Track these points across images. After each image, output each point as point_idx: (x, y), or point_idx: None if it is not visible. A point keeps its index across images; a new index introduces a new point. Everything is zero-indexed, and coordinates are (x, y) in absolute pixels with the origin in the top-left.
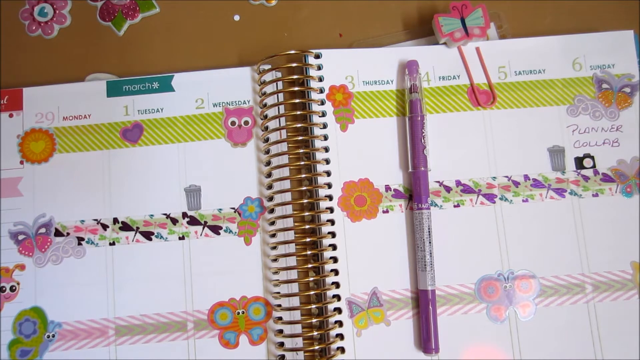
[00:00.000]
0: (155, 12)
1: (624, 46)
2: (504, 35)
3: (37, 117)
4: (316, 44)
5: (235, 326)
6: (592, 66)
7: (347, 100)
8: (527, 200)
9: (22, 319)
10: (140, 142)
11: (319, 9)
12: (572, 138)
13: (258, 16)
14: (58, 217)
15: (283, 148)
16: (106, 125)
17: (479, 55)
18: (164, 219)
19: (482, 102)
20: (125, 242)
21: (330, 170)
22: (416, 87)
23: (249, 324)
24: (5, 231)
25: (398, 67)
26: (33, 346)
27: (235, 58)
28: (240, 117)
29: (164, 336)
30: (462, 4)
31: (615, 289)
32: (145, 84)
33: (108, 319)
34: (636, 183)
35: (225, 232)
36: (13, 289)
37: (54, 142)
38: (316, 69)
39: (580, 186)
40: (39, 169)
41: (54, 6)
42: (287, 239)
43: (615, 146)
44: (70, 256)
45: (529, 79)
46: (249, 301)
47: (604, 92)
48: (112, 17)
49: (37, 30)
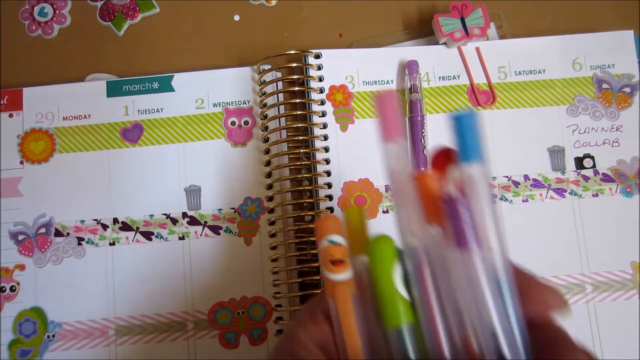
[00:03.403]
0: (155, 12)
1: (624, 46)
2: (504, 35)
3: (37, 117)
4: (316, 44)
5: (236, 326)
6: (592, 66)
7: (347, 100)
8: (527, 200)
9: (22, 319)
10: (140, 142)
11: (319, 9)
12: (572, 138)
13: (258, 16)
14: (58, 217)
15: (283, 148)
16: (106, 125)
17: (479, 55)
18: (164, 219)
19: (482, 102)
20: (125, 242)
21: (330, 170)
22: (416, 87)
23: (249, 324)
24: (5, 231)
25: (398, 67)
26: (33, 346)
27: (235, 58)
28: (240, 117)
29: (164, 336)
30: (462, 4)
31: (615, 289)
32: (145, 84)
33: (108, 319)
34: (636, 183)
35: (225, 232)
36: (13, 289)
37: (54, 142)
38: (316, 69)
39: (580, 186)
40: (39, 169)
41: (54, 6)
42: (287, 239)
43: (615, 146)
44: (70, 256)
45: (529, 79)
46: (249, 301)
47: (604, 92)
48: (112, 17)
49: (37, 30)
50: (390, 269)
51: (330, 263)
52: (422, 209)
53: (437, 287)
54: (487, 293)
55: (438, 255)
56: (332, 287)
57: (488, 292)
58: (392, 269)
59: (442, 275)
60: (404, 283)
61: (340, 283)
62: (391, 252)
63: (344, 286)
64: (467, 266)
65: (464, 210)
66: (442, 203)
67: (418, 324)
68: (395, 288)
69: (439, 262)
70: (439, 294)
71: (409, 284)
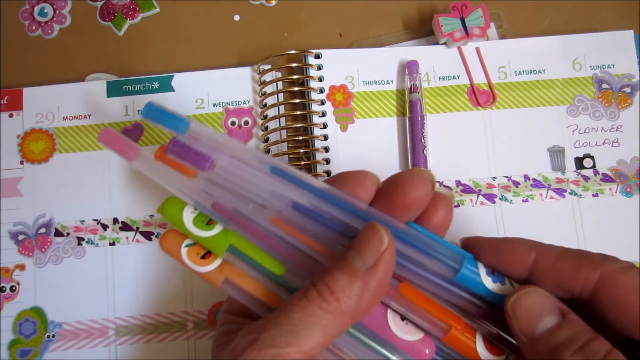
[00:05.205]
0: (155, 12)
1: (624, 46)
2: (504, 35)
3: (37, 117)
4: (316, 44)
5: None
6: (592, 66)
7: (347, 100)
8: (527, 200)
9: (22, 319)
10: (140, 142)
11: (319, 9)
12: (572, 138)
13: (258, 16)
14: (58, 217)
15: (283, 148)
16: (106, 125)
17: (479, 55)
18: (164, 219)
19: (482, 102)
20: (125, 242)
21: (330, 170)
22: (416, 87)
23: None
24: (5, 231)
25: (398, 67)
26: (33, 346)
27: (235, 58)
28: (240, 117)
29: (164, 336)
30: (462, 4)
31: None
32: (145, 84)
33: (108, 319)
34: (636, 183)
35: None
36: (13, 289)
37: (54, 142)
38: (316, 69)
39: (580, 186)
40: (39, 169)
41: (54, 6)
42: None
43: (615, 146)
44: (70, 256)
45: (529, 79)
46: None
47: (604, 92)
48: (112, 17)
49: (37, 30)
50: (180, 218)
51: (202, 259)
52: (176, 172)
53: (236, 211)
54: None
55: (208, 190)
56: (218, 273)
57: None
58: (181, 218)
59: (229, 201)
60: (203, 224)
61: (223, 263)
62: (177, 205)
63: (226, 264)
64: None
65: (181, 144)
66: (169, 153)
67: (242, 243)
68: (189, 230)
69: (221, 193)
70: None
71: (209, 222)
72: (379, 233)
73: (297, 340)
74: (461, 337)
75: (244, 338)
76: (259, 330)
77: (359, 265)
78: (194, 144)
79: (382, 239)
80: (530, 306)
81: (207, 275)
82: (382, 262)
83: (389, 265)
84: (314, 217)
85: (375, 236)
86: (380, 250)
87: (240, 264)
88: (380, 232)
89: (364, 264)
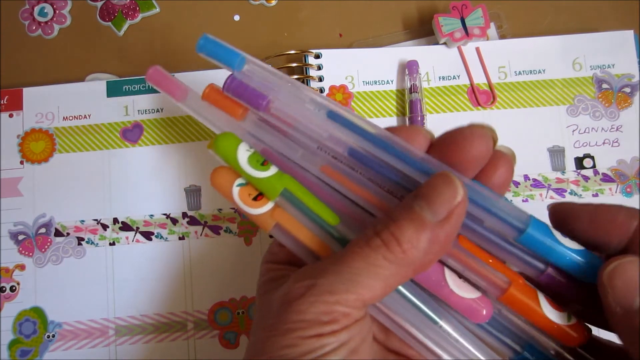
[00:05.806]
0: (155, 12)
1: (624, 46)
2: (504, 35)
3: (37, 117)
4: (316, 44)
5: (236, 326)
6: (592, 66)
7: (347, 101)
8: (527, 200)
9: (22, 319)
10: (140, 142)
11: (319, 9)
12: (572, 138)
13: (258, 16)
14: (58, 217)
15: None
16: (106, 125)
17: (479, 55)
18: (164, 219)
19: (482, 102)
20: (125, 242)
21: None
22: (416, 87)
23: (249, 324)
24: (5, 231)
25: (398, 67)
26: (33, 346)
27: None
28: None
29: (164, 336)
30: (462, 4)
31: None
32: (145, 84)
33: (108, 319)
34: (636, 183)
35: (225, 233)
36: (13, 289)
37: (54, 142)
38: (316, 69)
39: (580, 186)
40: (39, 169)
41: (54, 6)
42: None
43: (615, 146)
44: (70, 256)
45: (529, 79)
46: (249, 301)
47: (604, 92)
48: (112, 17)
49: (37, 30)
50: (235, 155)
51: (254, 200)
52: (227, 114)
53: (285, 157)
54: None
55: (264, 131)
56: (269, 217)
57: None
58: (236, 156)
59: (278, 145)
60: (258, 164)
61: (275, 207)
62: (232, 141)
63: (278, 208)
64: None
65: (238, 81)
66: (227, 90)
67: (294, 185)
68: (243, 169)
69: (271, 137)
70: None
71: (264, 162)
72: (454, 184)
73: (356, 289)
74: (523, 293)
75: (299, 283)
76: (315, 275)
77: (427, 217)
78: (249, 82)
79: (457, 191)
80: (630, 277)
81: (258, 218)
82: (455, 215)
83: (460, 219)
84: (371, 165)
85: (449, 187)
86: (454, 203)
87: (292, 210)
88: (456, 183)
89: (433, 215)
